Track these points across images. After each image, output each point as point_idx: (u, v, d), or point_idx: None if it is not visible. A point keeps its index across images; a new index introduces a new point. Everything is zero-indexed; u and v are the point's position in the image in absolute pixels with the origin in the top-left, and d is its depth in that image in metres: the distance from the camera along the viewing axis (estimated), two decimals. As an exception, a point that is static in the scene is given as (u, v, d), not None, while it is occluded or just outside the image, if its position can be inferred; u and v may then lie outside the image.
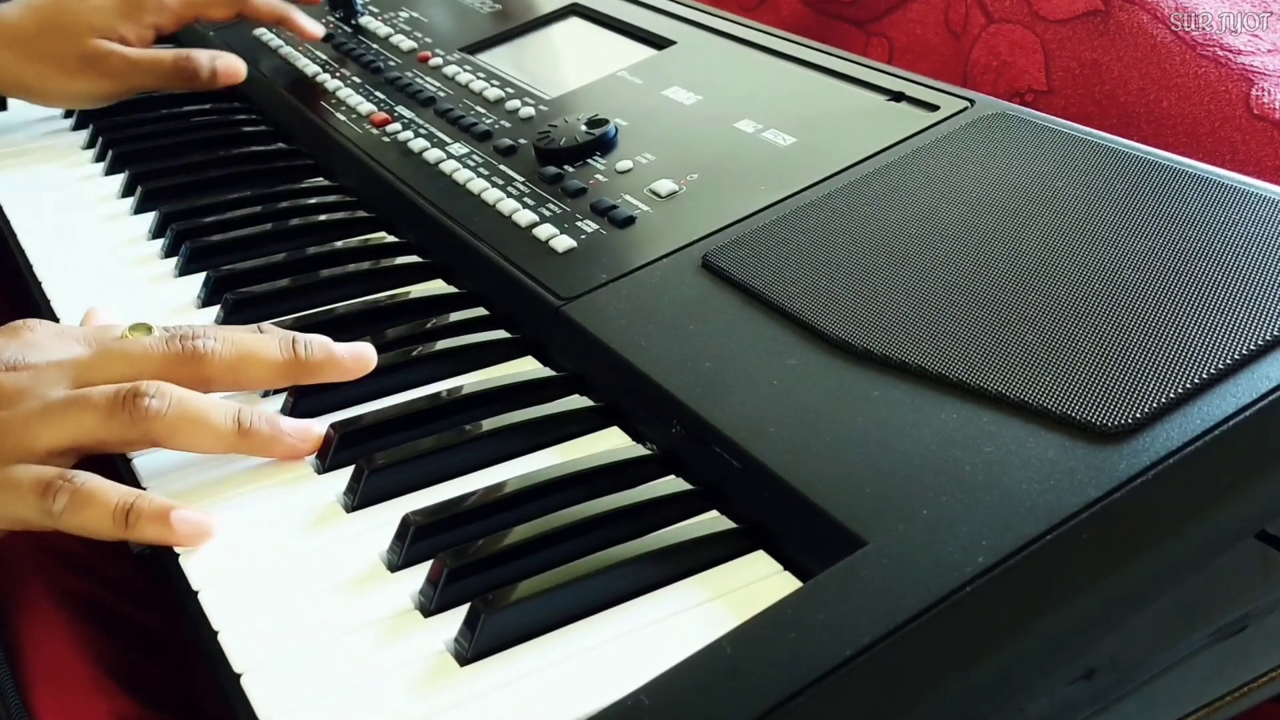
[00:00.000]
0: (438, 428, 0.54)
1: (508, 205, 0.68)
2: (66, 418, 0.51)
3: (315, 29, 0.95)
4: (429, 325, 0.63)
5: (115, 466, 0.55)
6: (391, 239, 0.73)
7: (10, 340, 0.55)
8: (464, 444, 0.53)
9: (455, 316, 0.64)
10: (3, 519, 0.51)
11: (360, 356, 0.57)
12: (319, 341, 0.56)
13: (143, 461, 0.54)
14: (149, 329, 0.56)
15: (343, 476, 0.52)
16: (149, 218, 0.77)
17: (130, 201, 0.80)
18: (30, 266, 0.73)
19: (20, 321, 0.57)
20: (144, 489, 0.52)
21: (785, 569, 0.46)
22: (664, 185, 0.65)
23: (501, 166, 0.72)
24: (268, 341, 0.56)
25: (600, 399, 0.56)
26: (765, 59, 0.76)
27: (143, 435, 0.52)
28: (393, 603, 0.46)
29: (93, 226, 0.78)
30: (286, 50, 0.96)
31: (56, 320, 0.67)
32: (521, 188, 0.69)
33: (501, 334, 0.62)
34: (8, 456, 0.51)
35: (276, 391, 0.58)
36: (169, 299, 0.69)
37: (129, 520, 0.49)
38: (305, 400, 0.57)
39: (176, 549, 0.50)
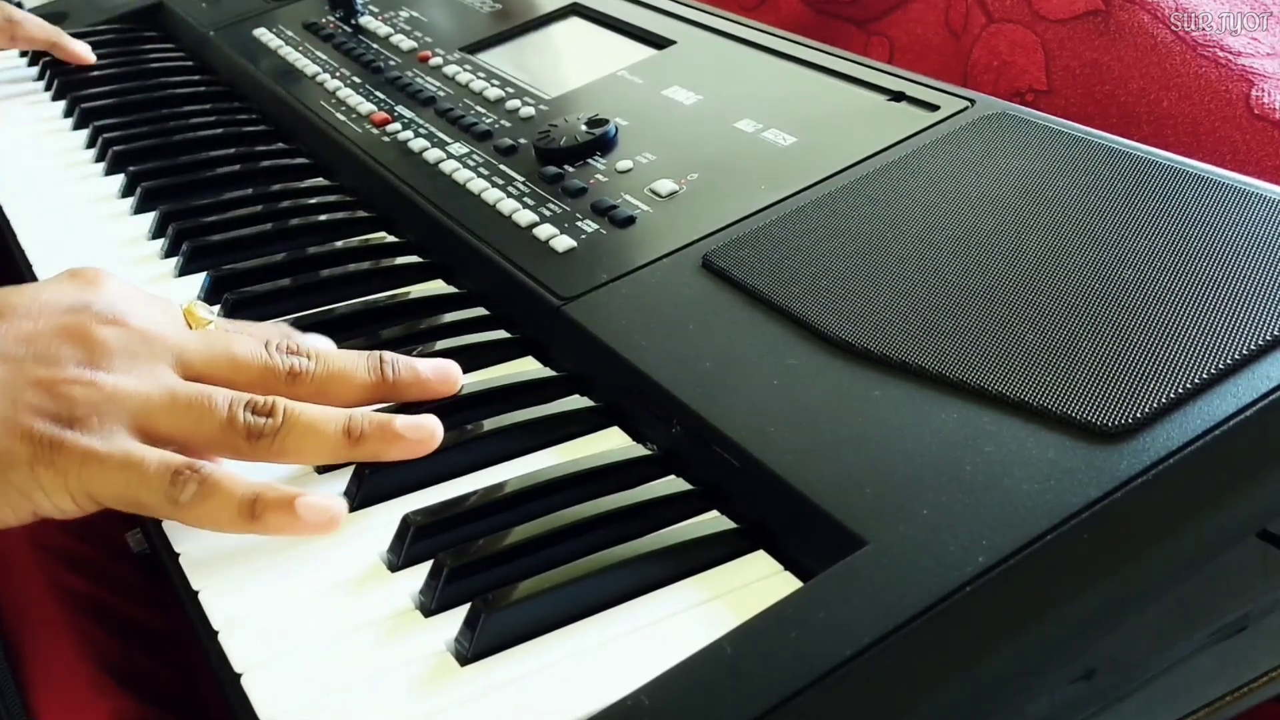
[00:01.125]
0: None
1: (508, 205, 0.68)
2: (190, 413, 0.50)
3: (86, 54, 1.01)
4: (429, 325, 0.63)
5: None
6: (391, 239, 0.73)
7: (96, 288, 0.53)
8: (464, 444, 0.53)
9: (455, 316, 0.64)
10: (119, 497, 0.48)
11: (445, 374, 0.55)
12: (405, 362, 0.55)
13: None
14: (208, 322, 0.56)
15: (343, 477, 0.52)
16: (149, 218, 0.77)
17: (130, 201, 0.80)
18: (30, 267, 0.73)
19: (94, 269, 0.55)
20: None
21: (785, 569, 0.46)
22: (664, 185, 0.65)
23: (501, 166, 0.72)
24: (356, 362, 0.54)
25: (600, 399, 0.56)
26: (765, 59, 0.76)
27: (251, 450, 0.50)
28: (393, 603, 0.46)
29: (93, 226, 0.78)
30: (286, 50, 0.96)
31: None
32: (521, 187, 0.69)
33: (501, 334, 0.62)
34: (125, 427, 0.49)
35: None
36: (169, 299, 0.68)
37: (255, 511, 0.48)
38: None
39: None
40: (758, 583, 0.46)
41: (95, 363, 0.49)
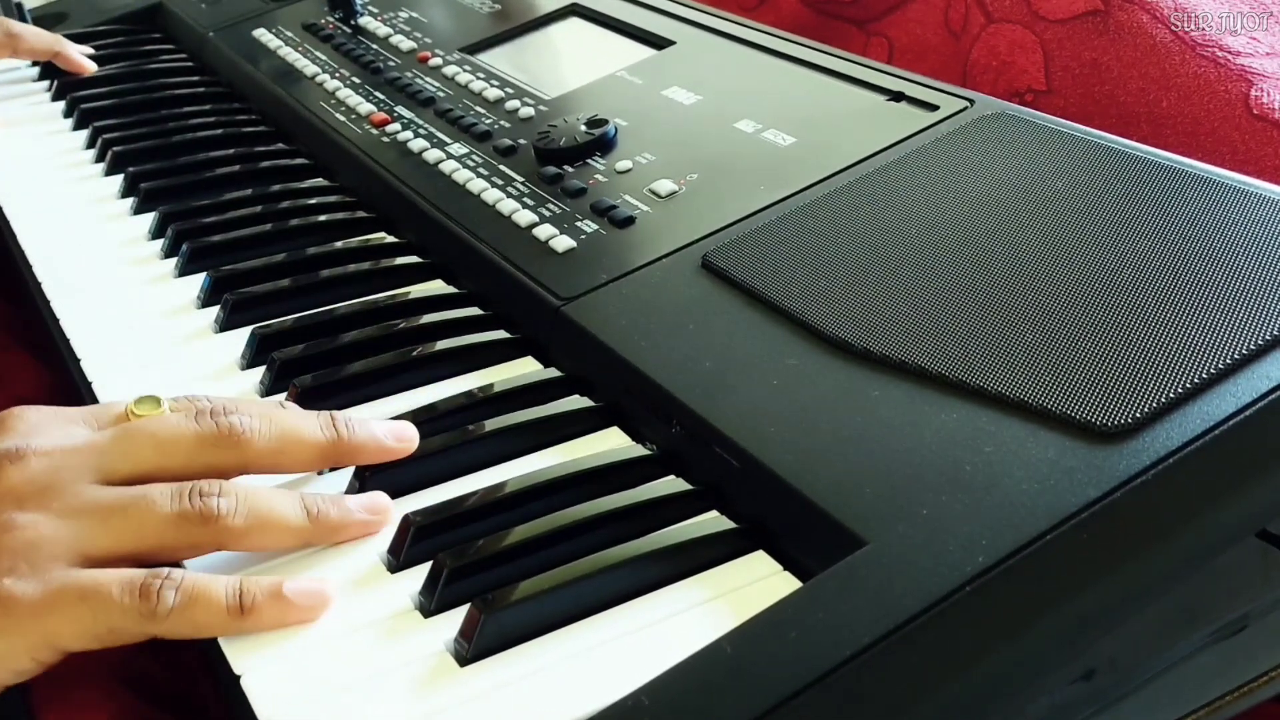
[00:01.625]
0: (438, 428, 0.54)
1: (508, 205, 0.68)
2: (127, 520, 0.45)
3: (88, 65, 1.00)
4: (429, 325, 0.63)
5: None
6: (391, 239, 0.73)
7: (3, 432, 0.48)
8: (464, 444, 0.53)
9: (455, 316, 0.64)
10: (86, 634, 0.44)
11: (403, 436, 0.52)
12: (359, 421, 0.52)
13: None
14: (157, 402, 0.50)
15: (343, 477, 0.52)
16: (149, 218, 0.77)
17: (130, 201, 0.80)
18: (30, 267, 0.73)
19: (7, 411, 0.50)
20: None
21: (785, 569, 0.46)
22: (664, 185, 0.65)
23: (501, 166, 0.72)
24: (307, 419, 0.50)
25: (600, 399, 0.56)
26: (765, 59, 0.76)
27: (211, 538, 0.46)
28: (393, 603, 0.46)
29: (93, 227, 0.78)
30: (286, 50, 0.96)
31: (58, 324, 0.67)
32: (521, 188, 0.69)
33: (501, 334, 0.62)
34: (62, 562, 0.44)
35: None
36: (169, 299, 0.68)
37: (244, 609, 0.44)
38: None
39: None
40: (758, 583, 0.46)
41: (7, 506, 0.45)
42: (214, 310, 0.66)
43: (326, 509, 0.48)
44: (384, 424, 0.52)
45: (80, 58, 1.00)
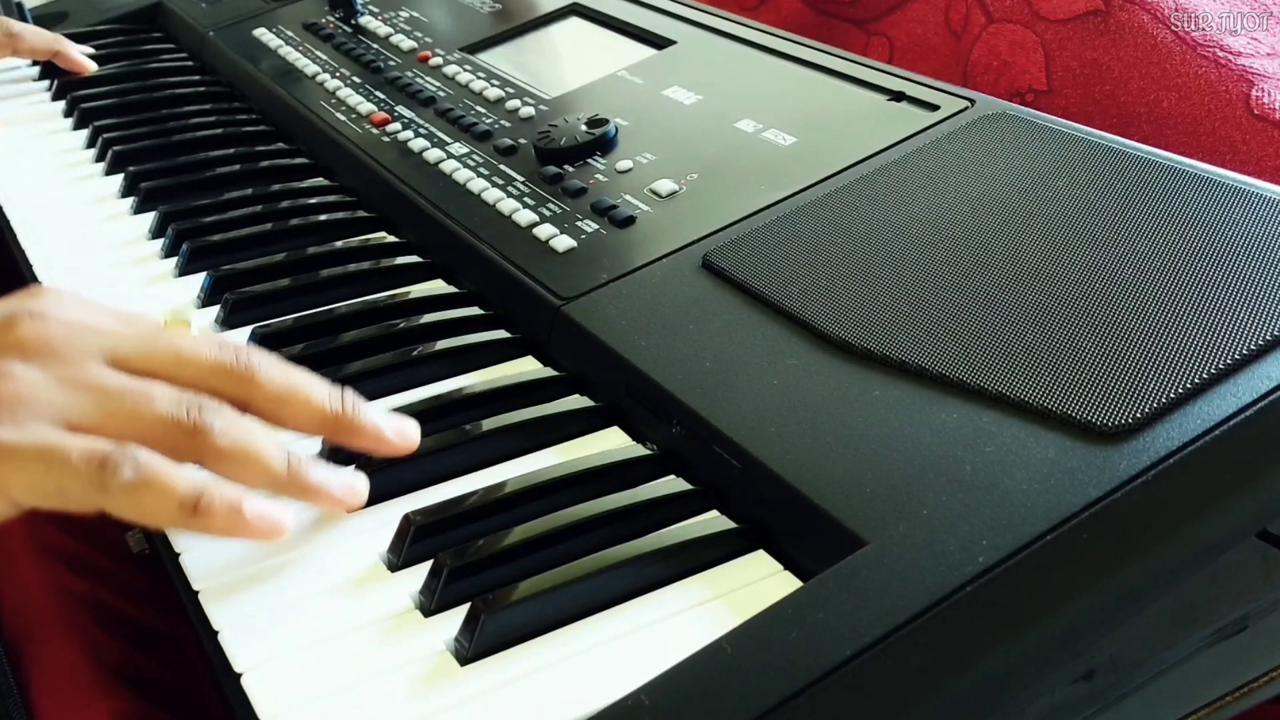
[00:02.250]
0: (438, 427, 0.54)
1: (508, 205, 0.68)
2: (121, 406, 0.46)
3: (88, 65, 1.01)
4: (429, 325, 0.63)
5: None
6: (391, 239, 0.73)
7: (34, 297, 0.50)
8: (464, 444, 0.53)
9: (455, 316, 0.64)
10: (34, 489, 0.44)
11: (405, 434, 0.52)
12: (369, 407, 0.51)
13: None
14: (188, 324, 0.51)
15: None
16: (149, 218, 0.77)
17: (130, 201, 0.80)
18: (30, 266, 0.73)
19: (42, 286, 0.51)
20: None
21: (785, 569, 0.46)
22: (664, 185, 0.65)
23: (501, 166, 0.72)
24: (320, 385, 0.51)
25: (600, 399, 0.56)
26: (765, 59, 0.76)
27: (193, 451, 0.46)
28: (393, 603, 0.46)
29: (93, 226, 0.78)
30: (286, 50, 0.96)
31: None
32: (521, 187, 0.69)
33: (501, 334, 0.62)
34: (45, 421, 0.45)
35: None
36: (169, 299, 0.68)
37: (199, 509, 0.44)
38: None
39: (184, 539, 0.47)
40: (758, 583, 0.46)
41: (10, 359, 0.46)
42: (214, 310, 0.66)
43: (308, 467, 0.49)
44: (391, 417, 0.52)
45: (80, 57, 1.00)
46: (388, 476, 0.51)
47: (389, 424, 0.51)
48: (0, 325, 0.48)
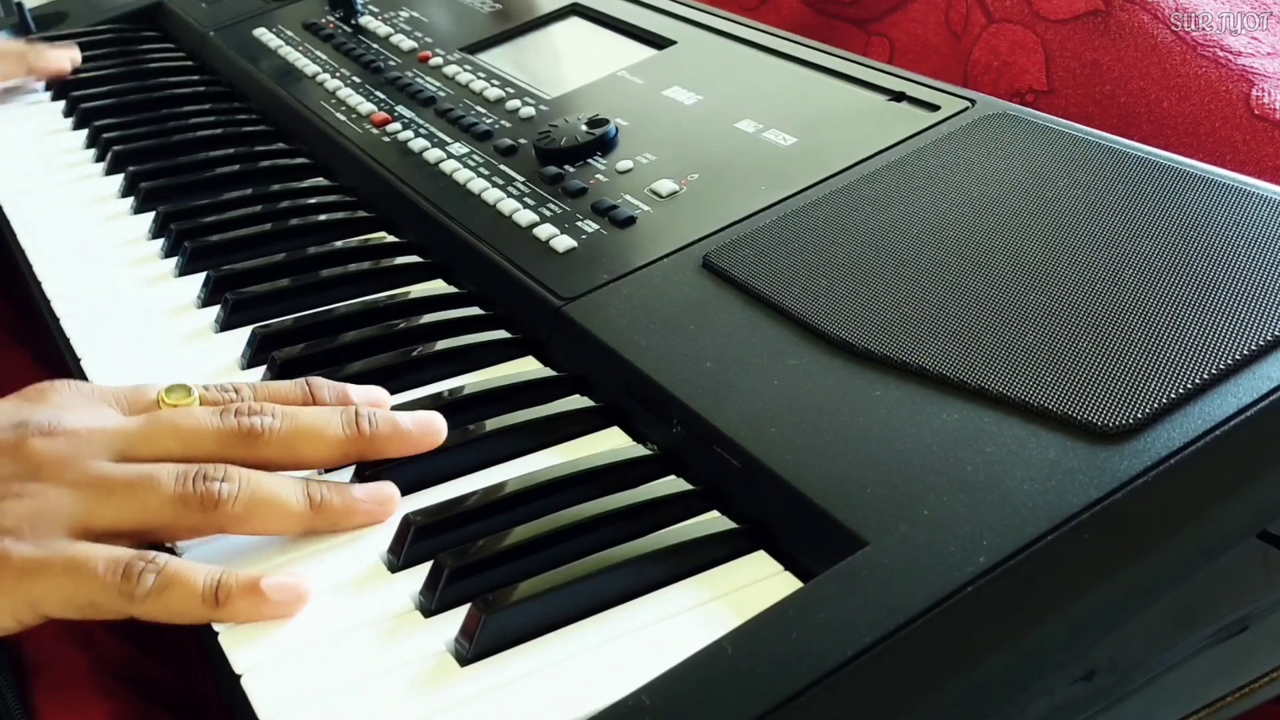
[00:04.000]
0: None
1: (508, 205, 0.68)
2: (133, 497, 0.47)
3: (63, 64, 1.00)
4: (429, 325, 0.63)
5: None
6: (391, 239, 0.73)
7: (38, 404, 0.51)
8: (465, 444, 0.53)
9: (455, 316, 0.64)
10: (67, 604, 0.45)
11: (428, 427, 0.52)
12: (384, 416, 0.52)
13: None
14: (188, 391, 0.52)
15: (343, 478, 0.52)
16: (149, 218, 0.77)
17: (130, 201, 0.80)
18: (30, 266, 0.73)
19: (47, 383, 0.53)
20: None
21: (785, 569, 0.46)
22: (664, 185, 0.65)
23: (502, 166, 0.72)
24: (329, 418, 0.51)
25: (601, 399, 0.56)
26: (766, 59, 0.76)
27: (211, 522, 0.48)
28: (393, 603, 0.46)
29: (93, 226, 0.78)
30: (286, 50, 0.96)
31: (58, 323, 0.67)
32: (522, 188, 0.69)
33: (501, 334, 0.62)
34: (63, 531, 0.46)
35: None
36: (169, 299, 0.68)
37: (219, 599, 0.45)
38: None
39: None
40: (758, 583, 0.46)
41: (25, 475, 0.47)
42: (214, 310, 0.66)
43: (330, 496, 0.49)
44: (410, 415, 0.53)
45: (56, 62, 1.00)
46: (388, 477, 0.51)
47: (410, 423, 0.52)
48: (12, 444, 0.49)
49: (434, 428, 0.52)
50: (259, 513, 0.48)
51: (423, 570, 0.47)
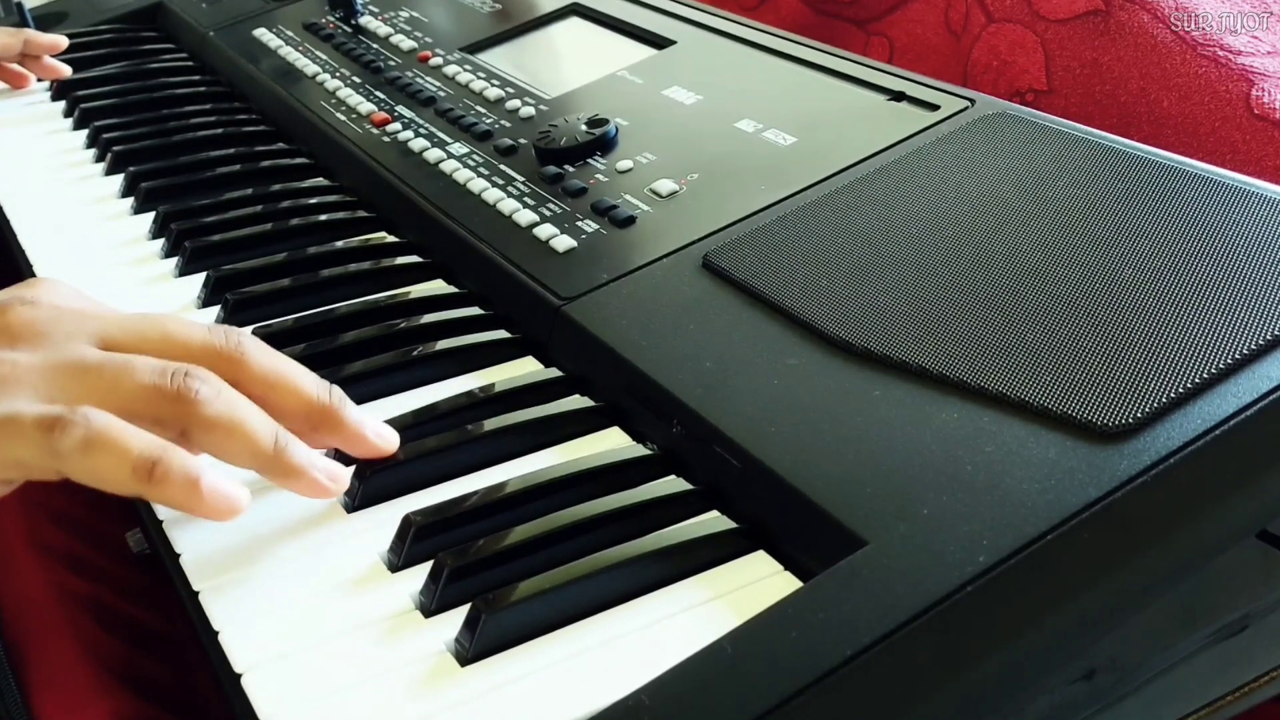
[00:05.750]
0: (438, 428, 0.54)
1: (508, 205, 0.68)
2: (102, 379, 0.45)
3: (62, 68, 1.00)
4: (429, 325, 0.63)
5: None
6: (391, 239, 0.73)
7: (34, 287, 0.50)
8: (464, 444, 0.53)
9: (455, 316, 0.64)
10: None
11: (385, 439, 0.51)
12: (354, 407, 0.51)
13: None
14: None
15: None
16: (149, 218, 0.77)
17: (130, 202, 0.80)
18: (31, 266, 0.73)
19: (39, 278, 0.52)
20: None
21: (785, 569, 0.46)
22: (664, 185, 0.65)
23: (502, 166, 0.72)
24: (309, 375, 0.50)
25: (601, 399, 0.56)
26: (765, 59, 0.76)
27: (178, 420, 0.45)
28: (393, 603, 0.46)
29: (93, 226, 0.78)
30: (286, 50, 0.96)
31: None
32: (522, 187, 0.69)
33: (501, 334, 0.62)
34: (27, 398, 0.44)
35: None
36: (169, 299, 0.69)
37: (154, 475, 0.43)
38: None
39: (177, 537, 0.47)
40: (758, 583, 0.46)
41: (1, 343, 0.46)
42: (215, 310, 0.66)
43: (295, 449, 0.48)
44: (373, 422, 0.52)
45: (50, 39, 1.00)
46: (388, 476, 0.51)
47: (371, 425, 0.51)
48: None
49: (389, 441, 0.52)
50: (225, 428, 0.46)
51: (423, 570, 0.47)
